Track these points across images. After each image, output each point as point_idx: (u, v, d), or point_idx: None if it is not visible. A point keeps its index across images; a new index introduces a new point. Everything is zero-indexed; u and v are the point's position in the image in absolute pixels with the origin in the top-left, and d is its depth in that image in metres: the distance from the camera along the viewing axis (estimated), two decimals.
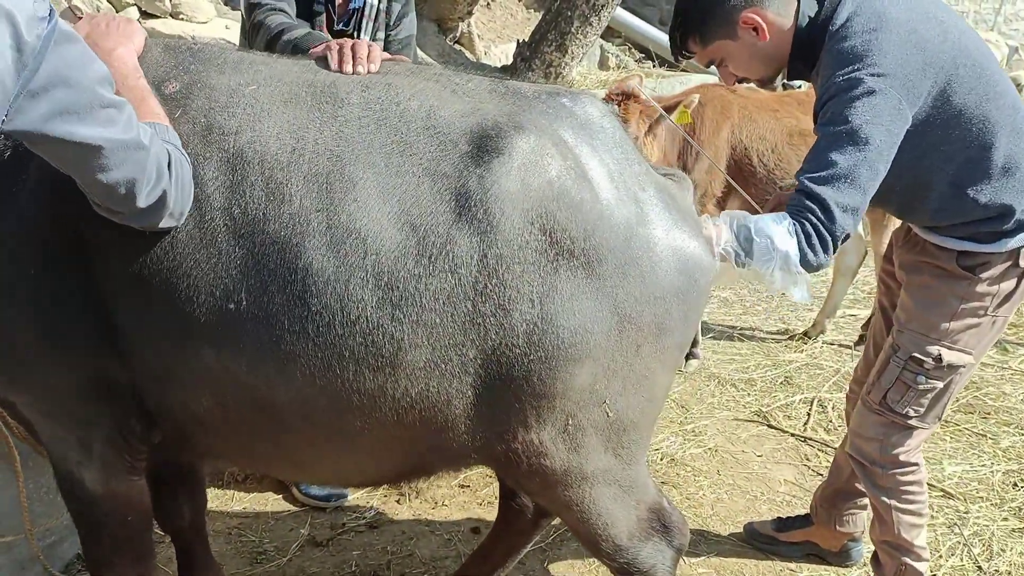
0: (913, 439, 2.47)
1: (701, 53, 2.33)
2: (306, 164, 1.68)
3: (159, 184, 1.52)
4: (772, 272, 1.95)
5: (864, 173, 2.02)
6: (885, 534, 2.62)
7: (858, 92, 2.01)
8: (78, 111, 1.35)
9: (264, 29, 2.51)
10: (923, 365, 2.36)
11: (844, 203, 2.01)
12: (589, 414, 1.82)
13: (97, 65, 1.39)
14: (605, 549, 2.03)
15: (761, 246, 1.95)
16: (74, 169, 1.46)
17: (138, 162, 1.47)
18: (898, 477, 2.51)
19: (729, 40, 2.25)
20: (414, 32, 3.12)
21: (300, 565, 2.89)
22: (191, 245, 1.65)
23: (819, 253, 2.00)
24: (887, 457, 2.49)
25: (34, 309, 1.68)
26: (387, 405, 1.73)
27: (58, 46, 1.29)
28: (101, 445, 1.83)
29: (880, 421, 2.48)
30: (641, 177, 1.85)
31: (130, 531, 1.99)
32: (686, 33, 2.30)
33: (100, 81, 1.39)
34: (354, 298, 1.64)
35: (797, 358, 4.73)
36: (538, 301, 1.69)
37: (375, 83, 1.82)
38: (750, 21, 2.20)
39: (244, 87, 1.75)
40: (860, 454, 2.56)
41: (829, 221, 2.00)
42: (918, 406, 2.41)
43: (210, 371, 1.71)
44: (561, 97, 1.87)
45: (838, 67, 2.06)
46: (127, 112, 1.45)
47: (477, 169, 1.69)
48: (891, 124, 2.02)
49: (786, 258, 1.95)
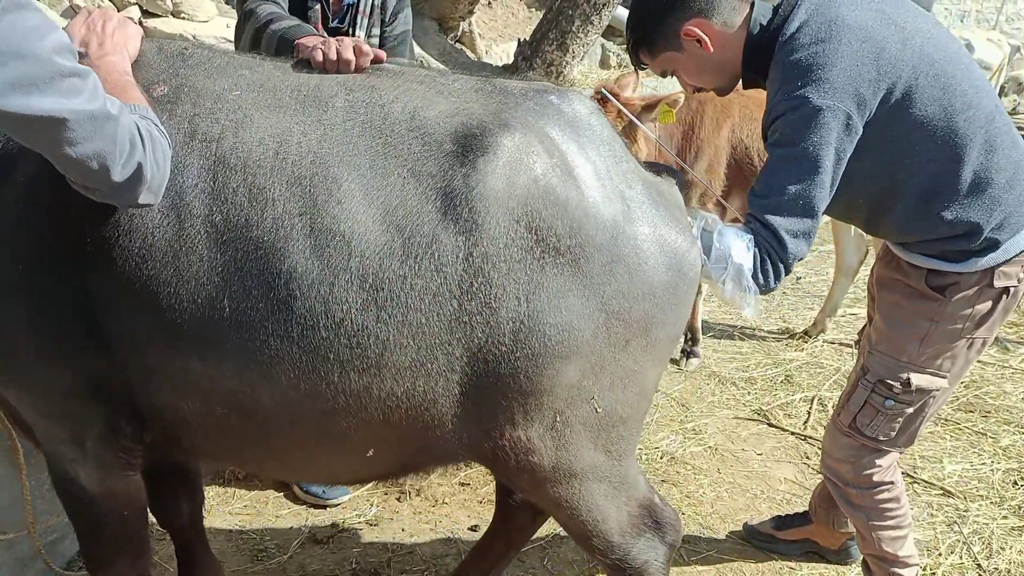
0: (886, 459, 2.43)
1: (652, 64, 2.28)
2: (289, 168, 1.67)
3: (133, 156, 1.47)
4: (723, 280, 1.95)
5: (815, 195, 1.99)
6: (868, 548, 2.61)
7: (806, 111, 1.95)
8: (36, 82, 1.27)
9: (253, 18, 2.50)
10: (892, 389, 2.30)
11: (795, 230, 1.99)
12: (577, 410, 1.82)
13: (55, 34, 1.31)
14: (597, 545, 2.03)
15: (718, 253, 1.95)
16: (42, 145, 1.39)
17: (107, 133, 1.40)
18: (874, 497, 2.48)
19: (675, 52, 2.19)
20: (410, 28, 3.11)
21: (301, 563, 2.90)
22: (174, 251, 1.65)
23: (770, 279, 1.99)
24: (860, 478, 2.46)
25: (26, 308, 1.69)
26: (373, 406, 1.73)
27: (7, 13, 1.23)
28: (94, 443, 1.83)
29: (850, 444, 2.44)
30: (629, 174, 1.85)
31: (127, 528, 2.00)
32: (636, 44, 2.25)
33: (59, 50, 1.31)
34: (339, 301, 1.64)
35: (798, 357, 4.74)
36: (524, 299, 1.70)
37: (359, 86, 1.82)
38: (692, 33, 2.13)
39: (229, 92, 1.75)
40: (833, 474, 2.54)
41: (781, 250, 1.99)
42: (888, 430, 2.36)
43: (196, 375, 1.71)
44: (549, 94, 1.87)
45: (785, 83, 2.00)
46: (91, 80, 1.38)
47: (462, 168, 1.69)
48: (839, 143, 1.97)
49: (739, 271, 1.95)
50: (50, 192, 1.65)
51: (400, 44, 3.01)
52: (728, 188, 4.30)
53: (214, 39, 4.48)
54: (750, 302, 1.98)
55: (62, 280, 1.68)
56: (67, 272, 1.68)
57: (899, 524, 2.53)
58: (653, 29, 2.18)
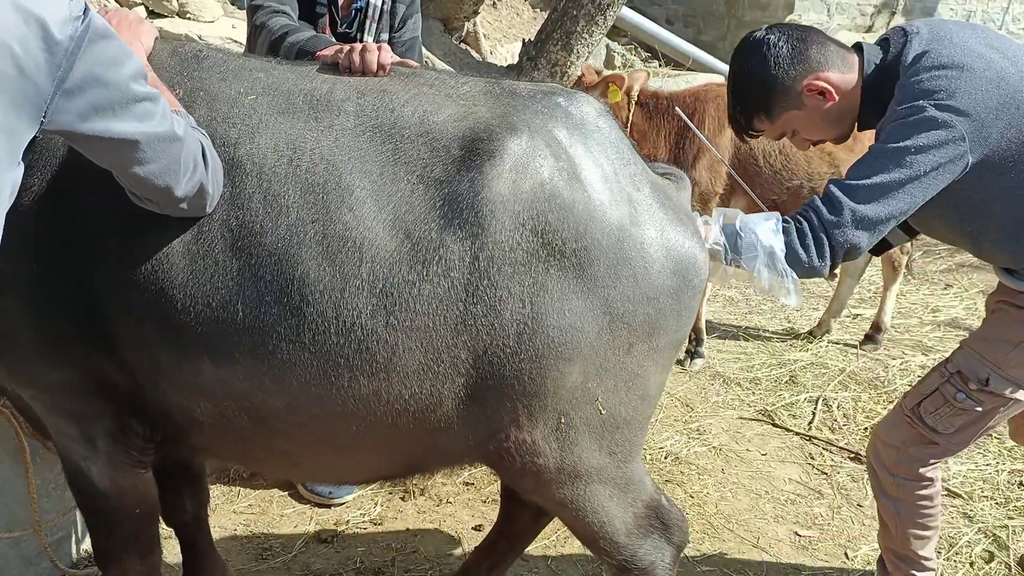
0: (933, 455, 2.37)
1: (770, 129, 2.26)
2: (303, 174, 1.70)
3: (195, 174, 1.56)
4: (758, 269, 1.92)
5: (895, 194, 1.95)
6: (890, 542, 2.56)
7: (920, 118, 1.95)
8: (113, 107, 1.37)
9: (266, 31, 2.49)
10: (968, 383, 2.24)
11: (861, 213, 1.95)
12: (581, 412, 1.83)
13: (132, 60, 1.41)
14: (603, 547, 2.04)
15: (746, 241, 1.92)
16: (112, 164, 1.49)
17: (174, 154, 1.50)
18: (909, 489, 2.42)
19: (796, 110, 2.19)
20: (419, 34, 3.10)
21: (305, 561, 2.91)
22: (191, 255, 1.67)
23: (812, 254, 1.96)
24: (901, 467, 2.40)
25: (32, 306, 1.70)
26: (381, 409, 1.75)
27: (92, 44, 1.31)
28: (105, 441, 1.86)
29: (906, 430, 2.38)
30: (636, 177, 1.85)
31: (137, 524, 2.02)
32: (750, 113, 2.23)
33: (134, 76, 1.40)
34: (349, 306, 1.66)
35: (802, 357, 4.73)
36: (528, 301, 1.70)
37: (370, 90, 1.83)
38: (814, 87, 2.13)
39: (244, 96, 1.77)
40: (876, 458, 2.49)
41: (833, 224, 1.95)
42: (949, 424, 2.29)
43: (207, 378, 1.73)
44: (556, 96, 1.87)
45: (904, 99, 2.00)
46: (161, 104, 1.48)
47: (468, 173, 1.70)
48: (942, 158, 1.94)
49: (771, 254, 1.92)
50: (65, 194, 1.67)
51: (408, 50, 3.01)
52: (730, 188, 4.30)
53: (219, 39, 4.49)
54: (790, 287, 1.93)
55: (75, 281, 1.70)
56: (80, 273, 1.70)
57: (927, 524, 2.48)
58: (771, 90, 2.17)
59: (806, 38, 2.17)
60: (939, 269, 6.26)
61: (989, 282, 5.96)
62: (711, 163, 4.18)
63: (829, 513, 3.33)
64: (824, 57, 2.15)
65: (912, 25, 2.15)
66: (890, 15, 10.88)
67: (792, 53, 2.14)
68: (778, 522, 3.27)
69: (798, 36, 2.17)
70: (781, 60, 2.14)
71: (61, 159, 1.70)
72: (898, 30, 2.17)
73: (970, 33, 2.08)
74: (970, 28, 2.11)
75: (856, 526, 3.25)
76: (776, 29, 2.21)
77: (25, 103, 1.24)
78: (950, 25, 2.12)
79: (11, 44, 1.19)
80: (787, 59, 2.13)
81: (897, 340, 5.00)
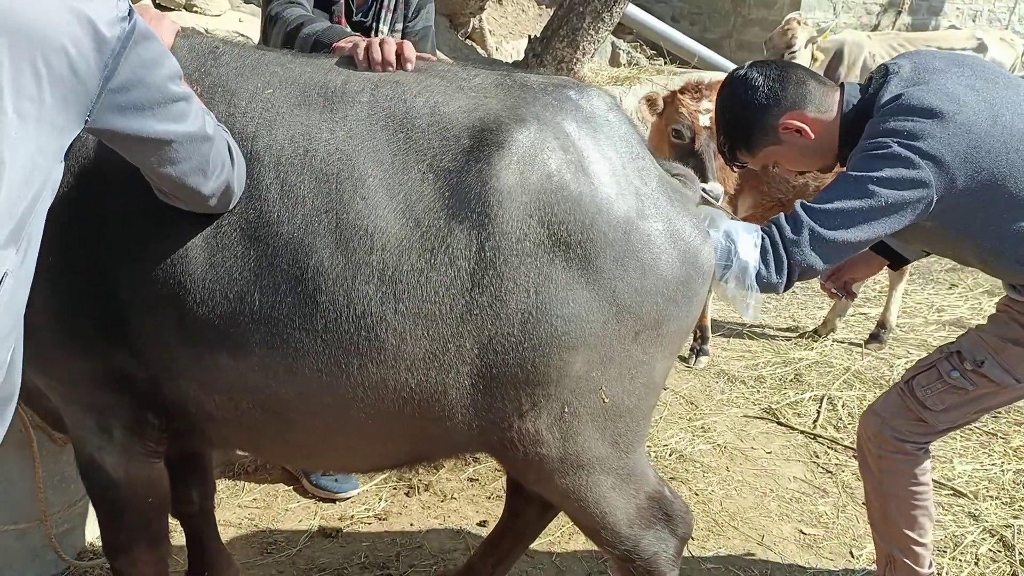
0: (916, 431, 2.39)
1: (752, 161, 2.36)
2: (318, 165, 1.72)
3: (223, 173, 1.59)
4: (726, 279, 1.95)
5: (854, 221, 2.00)
6: (873, 515, 2.58)
7: (886, 152, 2.00)
8: (153, 108, 1.39)
9: (281, 22, 2.49)
10: (963, 362, 2.29)
11: (819, 235, 1.99)
12: (585, 402, 1.83)
13: (169, 60, 1.43)
14: (605, 537, 2.04)
15: (724, 249, 1.95)
16: (145, 162, 1.51)
17: (204, 153, 1.53)
18: (889, 462, 2.43)
19: (775, 145, 2.27)
20: (431, 24, 3.12)
21: (310, 556, 2.91)
22: (208, 249, 1.70)
23: (771, 269, 1.98)
24: (882, 439, 2.42)
25: (52, 296, 1.72)
26: (389, 397, 1.77)
27: (136, 45, 1.32)
28: (120, 431, 1.87)
29: (896, 401, 2.42)
30: (644, 171, 1.86)
31: (148, 515, 2.03)
32: (733, 146, 2.34)
33: (172, 76, 1.43)
34: (360, 294, 1.69)
35: (807, 356, 4.72)
36: (534, 291, 1.72)
37: (385, 81, 1.85)
38: (790, 126, 2.21)
39: (261, 91, 1.80)
40: (862, 427, 2.52)
41: (792, 243, 1.99)
42: (939, 400, 2.34)
43: (223, 370, 1.75)
44: (568, 89, 1.88)
45: (871, 136, 2.06)
46: (195, 103, 1.50)
47: (477, 164, 1.72)
48: (905, 197, 1.99)
49: (744, 269, 1.95)
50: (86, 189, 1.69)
51: (421, 40, 3.03)
52: (740, 188, 4.30)
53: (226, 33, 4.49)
54: (750, 302, 1.97)
55: (91, 272, 1.72)
56: (100, 268, 1.72)
57: (912, 503, 2.46)
58: (750, 130, 2.28)
59: (784, 77, 2.24)
60: (944, 268, 6.26)
61: (994, 282, 5.96)
62: (723, 164, 4.17)
63: (834, 511, 3.33)
64: (801, 96, 2.22)
65: (896, 62, 2.20)
66: (896, 13, 10.86)
67: (769, 92, 2.23)
68: (783, 520, 3.27)
69: (776, 75, 2.25)
70: (758, 99, 2.23)
71: (83, 156, 1.72)
72: (881, 68, 2.23)
73: (954, 72, 2.11)
74: (956, 65, 2.15)
75: (861, 524, 3.24)
76: (757, 67, 2.30)
77: (75, 102, 1.25)
78: (936, 62, 2.16)
79: (66, 45, 1.21)
80: (763, 98, 2.23)
81: (902, 339, 5.00)
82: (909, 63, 2.17)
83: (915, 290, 5.82)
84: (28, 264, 1.30)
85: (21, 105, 1.17)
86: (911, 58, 2.21)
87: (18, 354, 1.36)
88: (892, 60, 2.25)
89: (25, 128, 1.18)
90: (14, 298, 1.27)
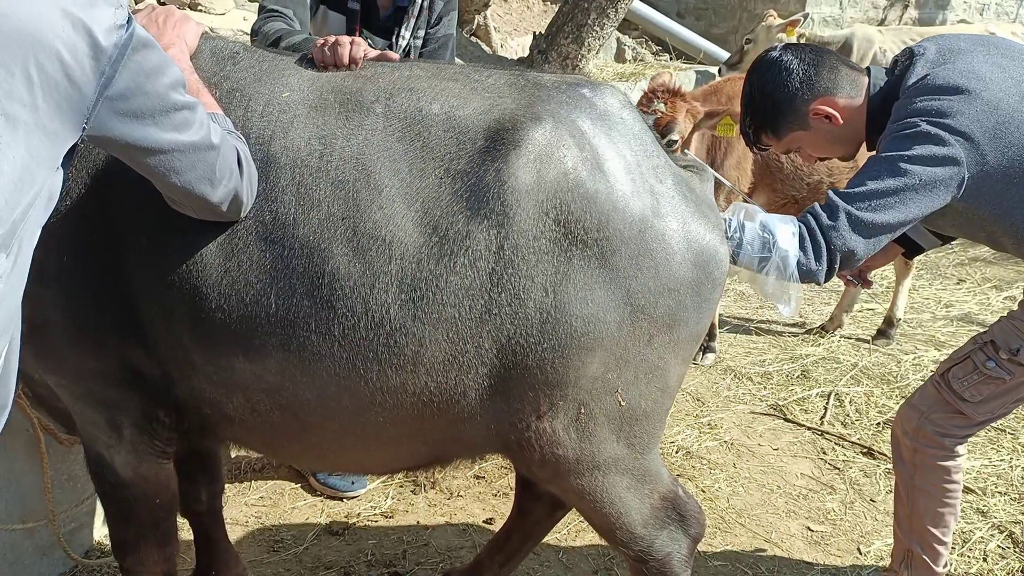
0: (956, 425, 2.37)
1: (776, 145, 2.33)
2: (333, 171, 1.72)
3: (230, 181, 1.58)
4: (767, 271, 1.94)
5: (890, 201, 1.99)
6: (899, 509, 2.56)
7: (916, 132, 1.99)
8: (153, 116, 1.38)
9: (262, 36, 2.56)
10: (999, 352, 2.27)
11: (857, 218, 1.98)
12: (601, 403, 1.83)
13: (172, 69, 1.42)
14: (620, 537, 2.04)
15: (763, 240, 1.94)
16: (149, 170, 1.50)
17: (209, 162, 1.52)
18: (925, 456, 2.41)
19: (802, 131, 2.25)
20: (453, 32, 3.15)
21: (316, 554, 2.91)
22: (223, 253, 1.70)
23: (811, 257, 1.98)
24: (921, 433, 2.40)
25: (65, 295, 1.72)
26: (408, 400, 1.77)
27: (135, 53, 1.31)
28: (130, 429, 1.87)
29: (933, 394, 2.40)
30: (659, 169, 1.85)
31: (157, 514, 2.03)
32: (758, 129, 2.31)
33: (174, 85, 1.41)
34: (379, 301, 1.69)
35: (814, 352, 4.71)
36: (551, 290, 1.71)
37: (399, 88, 1.85)
38: (820, 112, 2.20)
39: (278, 95, 1.80)
40: (899, 422, 2.50)
41: (830, 228, 1.98)
42: (976, 392, 2.31)
43: (238, 372, 1.75)
44: (581, 88, 1.88)
45: (899, 119, 2.05)
46: (199, 113, 1.49)
47: (494, 163, 1.71)
48: (937, 175, 1.98)
49: (784, 259, 1.93)
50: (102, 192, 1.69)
51: (441, 47, 3.07)
52: (754, 185, 4.29)
53: (231, 32, 4.49)
54: (791, 295, 1.95)
55: (106, 273, 1.72)
56: (112, 265, 1.72)
57: (943, 500, 2.45)
58: (779, 111, 2.24)
59: (819, 62, 2.22)
60: (951, 264, 6.23)
61: (1002, 277, 5.94)
62: (738, 160, 4.17)
63: (841, 508, 3.32)
64: (834, 82, 2.21)
65: (922, 45, 2.19)
66: (903, 8, 10.80)
67: (803, 77, 2.20)
68: (790, 517, 3.26)
69: (811, 60, 2.22)
70: (792, 83, 2.21)
71: (99, 159, 1.73)
72: (906, 51, 2.22)
73: (979, 51, 2.11)
74: (981, 45, 2.14)
75: (869, 521, 3.23)
76: (792, 50, 2.27)
77: (70, 108, 1.24)
78: (960, 43, 2.15)
79: (60, 49, 1.19)
80: (797, 82, 2.20)
81: (909, 335, 4.98)
82: (934, 45, 2.16)
83: (923, 285, 5.80)
84: (20, 269, 1.27)
85: (11, 109, 1.16)
86: (936, 41, 2.19)
87: (12, 362, 1.34)
88: (917, 43, 2.23)
89: (15, 133, 1.17)
90: (5, 303, 1.24)
